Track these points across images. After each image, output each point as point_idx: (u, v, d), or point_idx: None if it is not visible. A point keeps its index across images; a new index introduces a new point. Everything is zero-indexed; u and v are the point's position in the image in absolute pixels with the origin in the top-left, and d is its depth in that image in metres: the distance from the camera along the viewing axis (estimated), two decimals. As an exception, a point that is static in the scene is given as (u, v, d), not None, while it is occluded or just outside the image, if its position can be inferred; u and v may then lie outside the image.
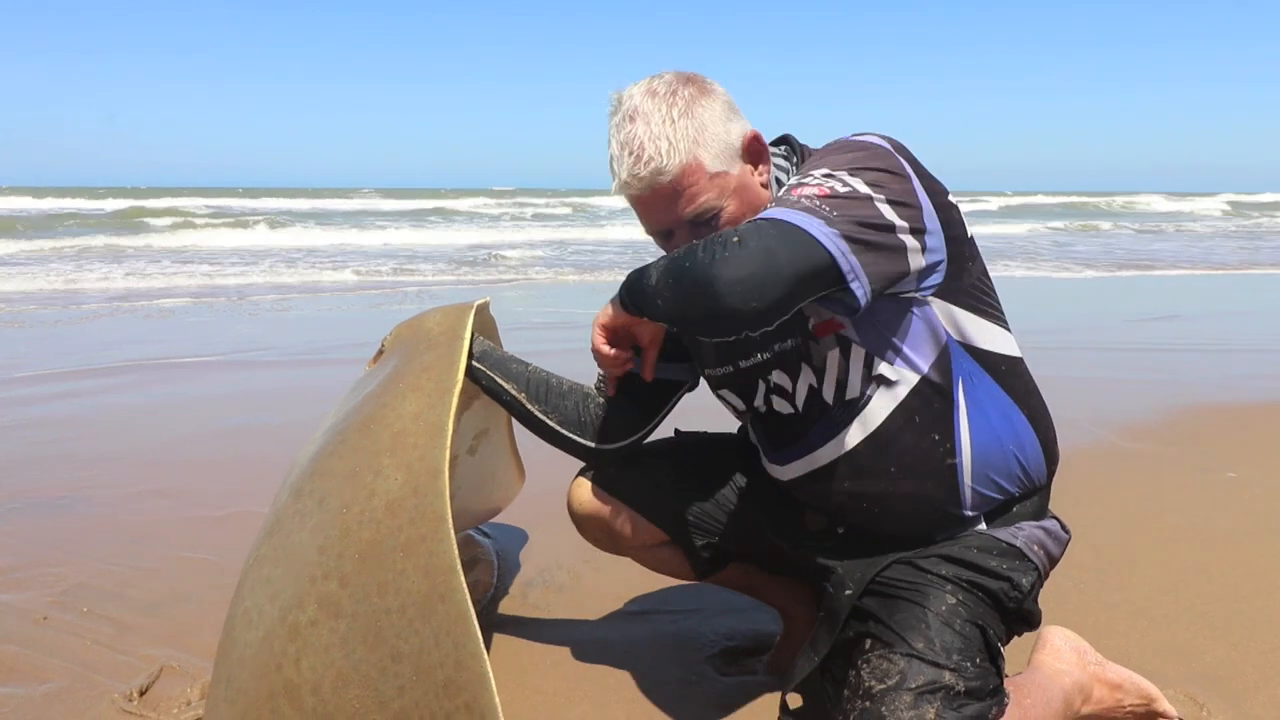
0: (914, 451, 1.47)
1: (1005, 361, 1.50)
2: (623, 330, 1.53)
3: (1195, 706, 1.76)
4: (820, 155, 1.45)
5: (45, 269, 10.86)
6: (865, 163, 1.37)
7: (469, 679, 1.24)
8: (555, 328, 6.57)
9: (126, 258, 12.76)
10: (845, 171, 1.34)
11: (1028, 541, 1.52)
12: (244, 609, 1.44)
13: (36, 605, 2.25)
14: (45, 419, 4.05)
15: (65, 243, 14.42)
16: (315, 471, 1.48)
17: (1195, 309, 8.04)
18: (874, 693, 1.37)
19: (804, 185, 1.33)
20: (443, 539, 1.30)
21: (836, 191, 1.30)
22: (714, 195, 1.42)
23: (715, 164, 1.42)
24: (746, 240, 1.23)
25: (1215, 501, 2.96)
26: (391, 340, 1.75)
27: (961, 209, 1.47)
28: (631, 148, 1.40)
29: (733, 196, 1.44)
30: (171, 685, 1.88)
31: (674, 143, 1.39)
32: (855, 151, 1.40)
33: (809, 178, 1.35)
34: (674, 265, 1.30)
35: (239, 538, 2.63)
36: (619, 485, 1.78)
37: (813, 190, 1.30)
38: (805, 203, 1.28)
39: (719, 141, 1.43)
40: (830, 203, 1.28)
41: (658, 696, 1.84)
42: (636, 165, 1.40)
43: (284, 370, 5.19)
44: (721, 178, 1.43)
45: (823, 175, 1.34)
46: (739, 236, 1.24)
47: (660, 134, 1.39)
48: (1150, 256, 14.38)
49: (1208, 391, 4.50)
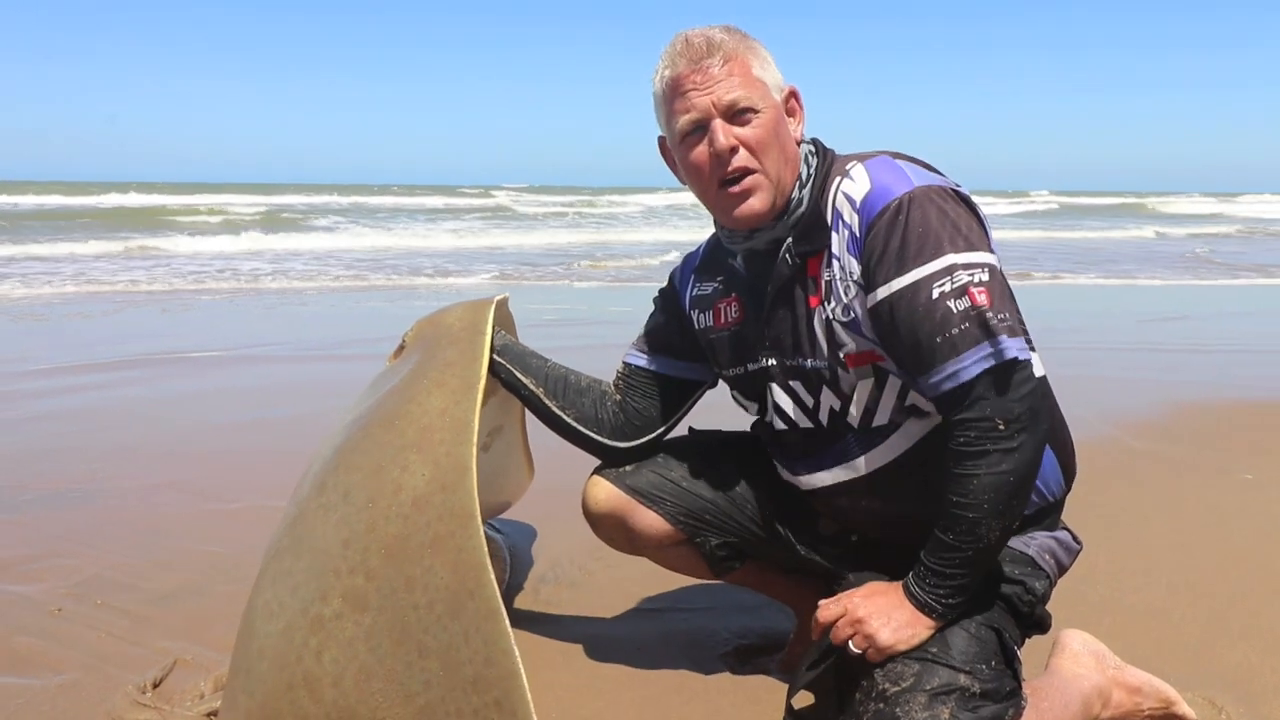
0: (934, 480, 1.43)
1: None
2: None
3: (1214, 710, 1.75)
4: (904, 227, 1.39)
5: (117, 272, 10.61)
6: (962, 220, 1.39)
7: (499, 675, 1.25)
8: (568, 324, 6.57)
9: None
10: (968, 249, 1.37)
11: (1040, 550, 1.53)
12: (264, 601, 1.44)
13: (51, 597, 2.26)
14: (60, 412, 4.07)
15: (139, 242, 14.09)
16: (339, 465, 1.48)
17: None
18: (888, 695, 1.36)
19: (968, 291, 1.35)
20: (472, 535, 1.30)
21: (993, 293, 1.35)
22: (757, 95, 1.46)
23: (763, 75, 1.48)
24: (1023, 423, 1.33)
25: (1232, 503, 2.94)
26: (413, 336, 1.76)
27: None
28: (688, 34, 1.48)
29: (771, 109, 1.48)
30: (185, 678, 1.89)
31: (731, 40, 1.46)
32: (946, 208, 1.40)
33: (955, 276, 1.35)
34: (999, 502, 1.34)
35: (253, 531, 2.63)
36: (635, 483, 1.77)
37: (981, 297, 1.35)
38: (997, 323, 1.34)
39: (769, 67, 1.49)
40: (1005, 310, 1.36)
41: (670, 694, 1.84)
42: (694, 39, 1.46)
43: (298, 365, 5.21)
44: (765, 88, 1.48)
45: (966, 271, 1.35)
46: (1003, 422, 1.33)
47: (719, 32, 1.47)
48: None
49: (1222, 391, 4.47)
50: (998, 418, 1.32)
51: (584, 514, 1.84)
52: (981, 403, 1.33)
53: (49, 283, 9.19)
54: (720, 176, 1.48)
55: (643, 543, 1.81)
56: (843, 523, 1.60)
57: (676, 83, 1.47)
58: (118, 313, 7.26)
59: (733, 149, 1.45)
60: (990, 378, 1.33)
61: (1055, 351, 5.35)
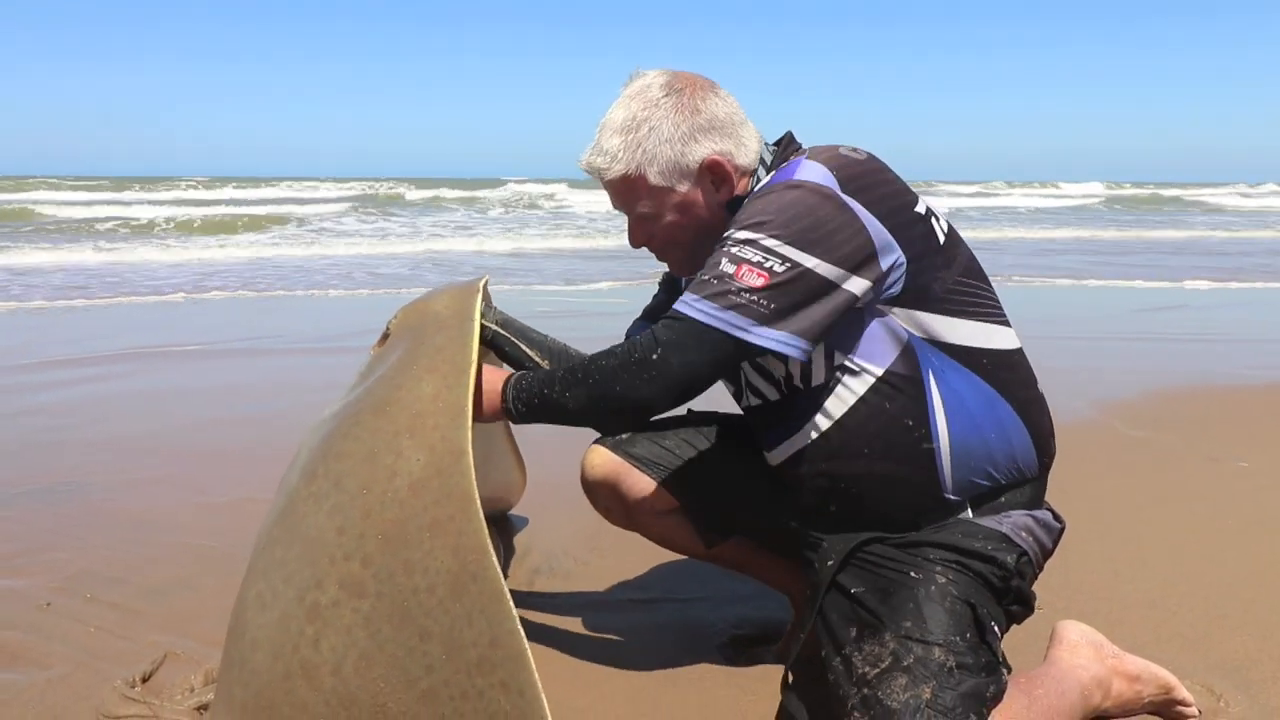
0: (885, 435, 1.50)
1: (987, 355, 1.52)
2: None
3: (1212, 697, 1.75)
4: (760, 199, 1.46)
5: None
6: (798, 218, 1.40)
7: (504, 656, 1.24)
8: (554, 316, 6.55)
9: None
10: (775, 237, 1.39)
11: (1014, 528, 1.53)
12: (256, 592, 1.42)
13: (40, 591, 2.23)
14: (49, 406, 4.03)
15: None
16: (328, 454, 1.46)
17: None
18: (869, 678, 1.39)
19: (741, 262, 1.39)
20: (472, 518, 1.29)
21: (774, 273, 1.38)
22: (651, 205, 1.56)
23: (659, 180, 1.54)
24: (669, 358, 1.40)
25: (1226, 491, 2.94)
26: (397, 324, 1.73)
27: (939, 216, 1.53)
28: (597, 138, 1.57)
29: (673, 210, 1.56)
30: (175, 672, 1.87)
31: (621, 154, 1.53)
32: (789, 197, 1.42)
33: (746, 248, 1.40)
34: (596, 389, 1.45)
35: (242, 524, 2.61)
36: (632, 450, 1.84)
37: (752, 278, 1.38)
38: (737, 298, 1.38)
39: (667, 161, 1.53)
40: (768, 295, 1.38)
41: (666, 684, 1.82)
42: (591, 156, 1.57)
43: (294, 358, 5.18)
44: (664, 193, 1.55)
45: (757, 251, 1.39)
46: (659, 352, 1.40)
47: (616, 140, 1.54)
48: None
49: (1213, 379, 4.48)
50: (665, 352, 1.41)
51: (581, 483, 1.88)
52: (669, 327, 1.42)
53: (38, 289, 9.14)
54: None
55: (636, 509, 1.84)
56: (813, 493, 1.62)
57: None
58: (109, 308, 7.22)
59: (645, 243, 1.63)
60: (691, 327, 1.40)
61: (1054, 341, 5.36)
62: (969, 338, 1.50)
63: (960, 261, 1.52)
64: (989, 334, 1.53)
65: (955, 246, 1.53)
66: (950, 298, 1.49)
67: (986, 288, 1.56)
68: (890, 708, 1.34)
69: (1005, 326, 1.56)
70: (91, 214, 20.07)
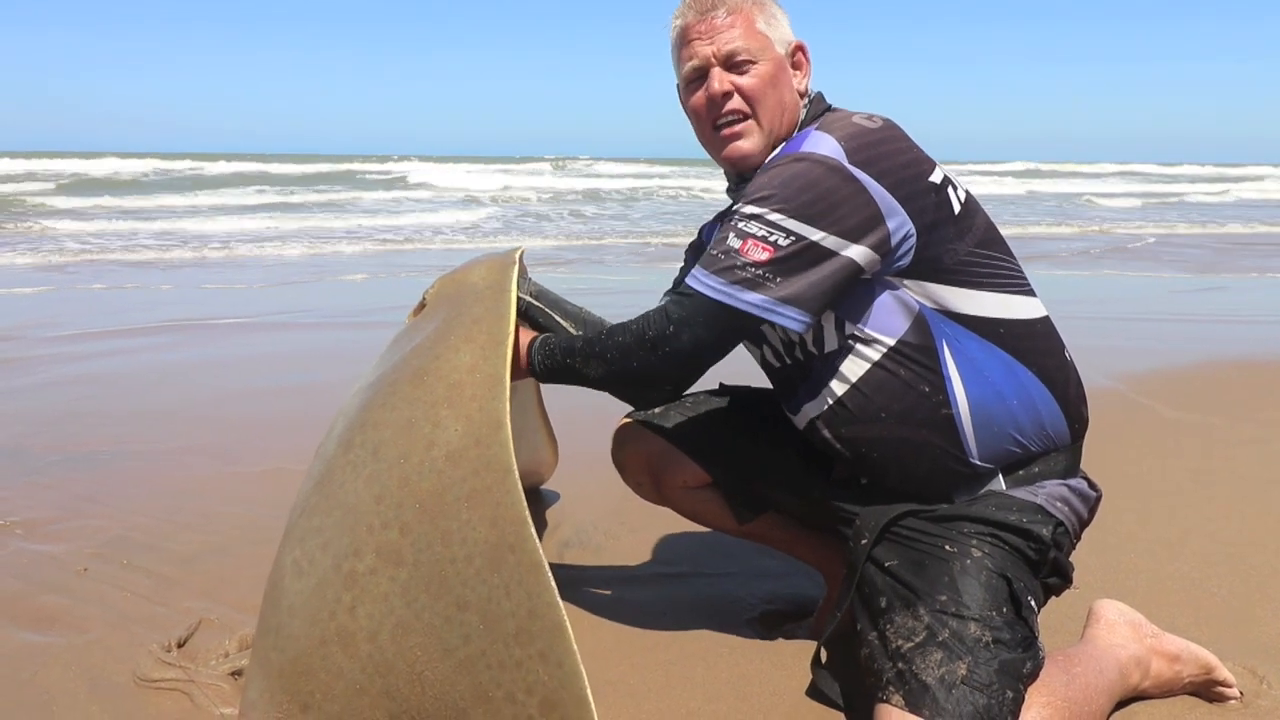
0: (902, 400, 1.50)
1: (1004, 325, 1.51)
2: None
3: (1255, 679, 1.71)
4: (767, 172, 1.47)
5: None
6: (802, 191, 1.41)
7: (543, 628, 1.24)
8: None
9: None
10: (780, 211, 1.40)
11: (1049, 499, 1.52)
12: (293, 558, 1.43)
13: (77, 557, 2.26)
14: (86, 375, 4.08)
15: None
16: (366, 423, 1.46)
17: None
18: (903, 652, 1.38)
19: (747, 237, 1.41)
20: (510, 489, 1.29)
21: (779, 247, 1.40)
22: (756, 47, 1.56)
23: (766, 29, 1.57)
24: (680, 334, 1.44)
25: (1268, 472, 2.88)
26: (434, 293, 1.73)
27: (958, 186, 1.52)
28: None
29: (770, 63, 1.56)
30: (209, 637, 1.88)
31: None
32: (795, 170, 1.43)
33: (752, 223, 1.42)
34: (614, 366, 1.49)
35: (276, 493, 2.63)
36: (664, 424, 1.84)
37: (757, 253, 1.41)
38: (743, 272, 1.41)
39: (775, 22, 1.59)
40: (772, 268, 1.40)
41: (697, 659, 1.82)
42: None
43: (323, 332, 5.21)
44: (767, 41, 1.57)
45: (762, 225, 1.41)
46: (671, 329, 1.44)
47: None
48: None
49: (1256, 360, 4.39)
50: (676, 329, 1.44)
51: (612, 458, 1.89)
52: (679, 304, 1.45)
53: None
54: (714, 119, 1.58)
55: (668, 484, 1.85)
56: (835, 456, 1.62)
57: (684, 32, 1.58)
58: (142, 278, 7.29)
59: (726, 94, 1.56)
60: (700, 302, 1.43)
61: (1089, 322, 5.28)
62: (983, 308, 1.49)
63: (976, 232, 1.51)
64: (1006, 304, 1.51)
65: (972, 216, 1.52)
66: (962, 269, 1.49)
67: (1005, 258, 1.54)
68: (925, 683, 1.33)
69: (1027, 296, 1.54)
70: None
